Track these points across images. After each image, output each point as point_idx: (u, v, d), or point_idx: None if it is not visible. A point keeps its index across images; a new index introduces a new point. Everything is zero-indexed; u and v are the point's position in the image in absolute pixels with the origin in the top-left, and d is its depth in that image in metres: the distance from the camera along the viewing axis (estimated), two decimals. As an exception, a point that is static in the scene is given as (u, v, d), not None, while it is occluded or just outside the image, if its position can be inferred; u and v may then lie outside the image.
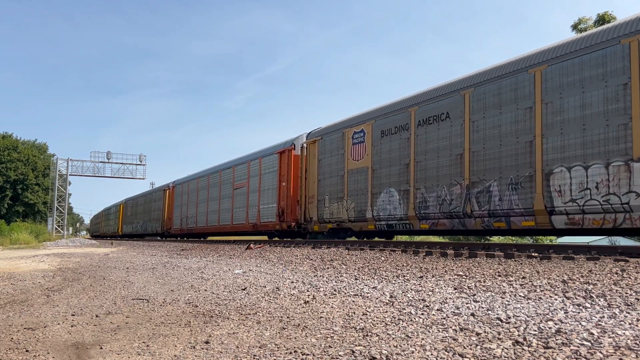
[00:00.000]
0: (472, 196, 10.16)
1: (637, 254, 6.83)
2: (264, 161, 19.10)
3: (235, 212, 21.28)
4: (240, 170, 21.32)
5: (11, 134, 64.08)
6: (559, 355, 2.98)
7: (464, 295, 5.11)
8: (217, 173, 23.90)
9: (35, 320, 4.95)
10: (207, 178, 25.17)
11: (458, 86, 10.98)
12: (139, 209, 39.31)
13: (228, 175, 22.56)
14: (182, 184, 29.22)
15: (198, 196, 26.00)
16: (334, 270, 8.03)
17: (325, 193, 15.05)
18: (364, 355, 3.21)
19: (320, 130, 16.20)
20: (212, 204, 23.94)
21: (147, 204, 36.98)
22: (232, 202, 21.65)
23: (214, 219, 23.51)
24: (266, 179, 18.79)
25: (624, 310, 3.94)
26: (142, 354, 3.57)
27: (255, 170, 19.86)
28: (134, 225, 40.05)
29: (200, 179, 26.16)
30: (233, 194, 21.54)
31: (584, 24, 26.28)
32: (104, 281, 8.47)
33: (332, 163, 14.95)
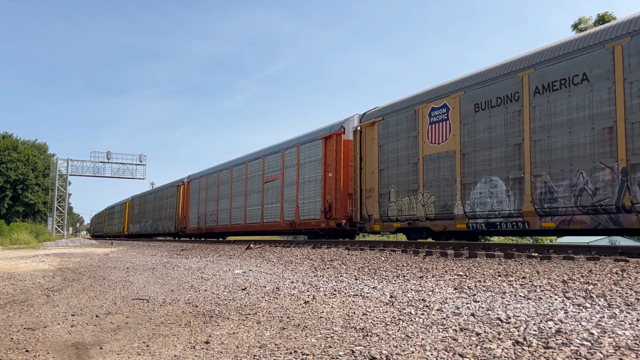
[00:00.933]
0: (634, 183, 7.71)
1: (637, 254, 6.83)
2: (304, 149, 16.49)
3: (266, 209, 18.68)
4: (272, 161, 18.63)
5: (11, 134, 64.11)
6: (559, 355, 2.98)
7: (464, 295, 5.11)
8: (243, 165, 21.23)
9: (35, 320, 4.95)
10: (229, 171, 22.55)
11: (602, 37, 8.38)
12: (147, 206, 36.64)
13: (256, 167, 19.85)
14: (199, 179, 26.26)
15: (219, 191, 23.33)
16: (334, 270, 8.03)
17: (389, 185, 12.31)
18: (364, 355, 3.21)
19: (379, 109, 13.37)
20: (237, 199, 21.25)
21: (157, 202, 34.09)
22: (261, 197, 19.06)
23: (239, 216, 20.88)
24: (307, 170, 16.18)
25: (624, 310, 3.94)
26: (142, 354, 3.57)
27: (291, 159, 17.21)
28: (143, 225, 37.57)
29: (221, 172, 23.39)
30: (263, 188, 18.97)
31: (584, 24, 26.29)
32: (104, 281, 8.47)
33: (399, 148, 12.19)
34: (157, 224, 33.36)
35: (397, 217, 12.04)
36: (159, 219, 33.18)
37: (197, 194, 26.29)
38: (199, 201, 25.82)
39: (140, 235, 39.08)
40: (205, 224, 24.64)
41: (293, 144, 17.37)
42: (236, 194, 21.47)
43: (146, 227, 36.37)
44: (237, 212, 21.21)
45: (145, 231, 36.71)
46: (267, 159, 19.03)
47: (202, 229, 25.07)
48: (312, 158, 16.02)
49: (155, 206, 34.62)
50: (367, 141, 13.36)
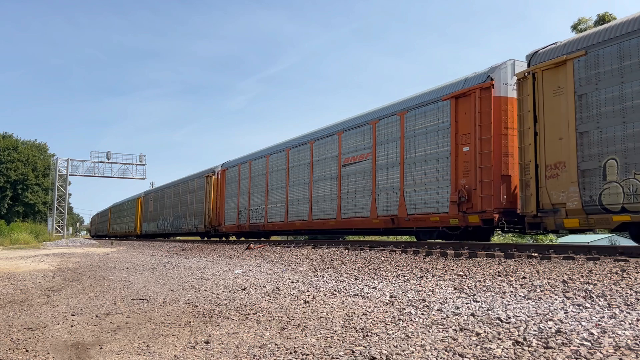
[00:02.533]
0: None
1: (637, 254, 6.83)
2: (414, 116, 12.11)
3: (345, 201, 14.28)
4: (354, 137, 14.28)
5: (11, 134, 64.06)
6: (559, 355, 2.98)
7: (464, 295, 5.11)
8: (305, 146, 16.78)
9: (35, 320, 4.95)
10: (283, 155, 18.15)
11: None
12: (166, 202, 31.94)
13: (327, 147, 15.49)
14: (238, 166, 21.83)
15: (268, 180, 19.02)
16: (334, 270, 8.03)
17: (604, 155, 8.14)
18: (364, 355, 3.21)
19: (575, 41, 9.01)
20: (297, 190, 16.93)
21: (179, 196, 29.48)
22: (337, 185, 14.70)
23: (300, 211, 16.55)
24: (419, 144, 11.84)
25: (624, 310, 3.94)
26: (142, 354, 3.57)
27: (390, 132, 12.82)
28: (160, 223, 32.73)
29: (272, 156, 19.07)
30: (339, 173, 14.61)
31: (584, 24, 26.30)
32: (104, 281, 8.47)
33: (627, 94, 7.85)
34: (180, 221, 28.77)
35: (625, 206, 7.82)
36: (182, 216, 28.60)
37: (236, 184, 21.83)
38: (240, 193, 21.37)
39: (156, 235, 34.57)
40: (249, 220, 20.25)
41: (392, 111, 12.97)
42: (295, 182, 17.12)
43: (165, 226, 31.72)
44: (297, 206, 16.83)
45: (164, 230, 32.00)
46: (347, 135, 14.63)
47: (243, 226, 20.82)
48: (429, 127, 11.61)
49: (176, 201, 29.94)
50: (547, 92, 9.19)
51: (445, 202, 10.97)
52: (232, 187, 22.36)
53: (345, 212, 14.36)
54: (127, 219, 43.13)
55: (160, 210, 33.46)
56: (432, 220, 11.41)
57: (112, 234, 49.82)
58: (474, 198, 10.29)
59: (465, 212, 10.48)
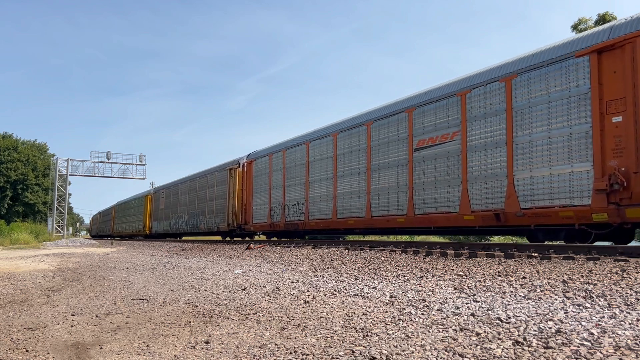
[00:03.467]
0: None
1: (637, 254, 6.83)
2: (524, 82, 9.65)
3: (420, 193, 11.75)
4: (430, 114, 11.77)
5: (11, 134, 64.08)
6: (559, 355, 2.98)
7: (464, 295, 5.11)
8: (358, 129, 14.27)
9: (35, 320, 4.95)
10: (329, 140, 15.55)
11: None
12: (180, 199, 29.36)
13: (391, 129, 13.02)
14: (269, 156, 19.26)
15: (309, 171, 16.47)
16: (334, 270, 8.03)
17: None
18: (364, 355, 3.21)
19: None
20: (348, 180, 14.49)
21: (195, 192, 26.95)
22: (407, 174, 12.18)
23: (354, 205, 14.08)
24: (534, 117, 9.37)
25: (624, 310, 3.94)
26: (142, 354, 3.57)
27: (489, 104, 10.34)
28: (173, 222, 30.12)
29: (313, 143, 16.44)
30: (410, 159, 12.13)
31: (584, 24, 26.30)
32: (104, 281, 8.47)
33: None
34: (198, 219, 26.12)
35: None
36: (199, 214, 25.97)
37: (267, 177, 19.30)
38: (272, 187, 18.86)
39: (169, 235, 32.00)
40: (284, 218, 17.69)
41: (493, 76, 10.40)
42: (346, 172, 14.60)
43: (179, 225, 29.11)
44: (350, 200, 14.29)
45: (178, 230, 29.35)
46: (420, 112, 12.11)
47: (277, 224, 18.23)
48: (553, 93, 9.12)
49: (192, 198, 27.40)
50: None
51: (584, 191, 8.49)
52: (262, 180, 19.73)
53: (420, 207, 11.75)
54: (134, 217, 40.51)
55: (173, 207, 30.60)
56: (561, 216, 8.83)
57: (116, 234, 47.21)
58: (636, 185, 7.81)
59: (619, 205, 7.97)
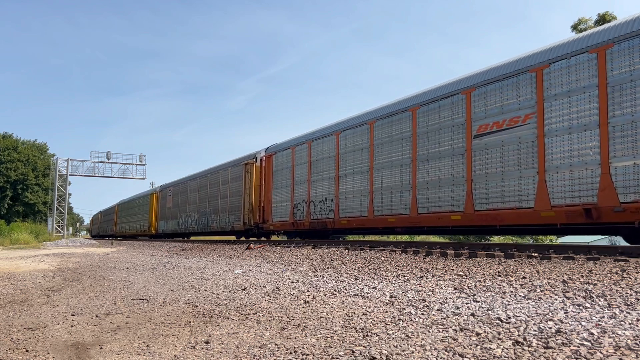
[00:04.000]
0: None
1: (637, 254, 6.83)
2: (625, 51, 8.14)
3: (482, 185, 10.19)
4: (495, 95, 10.18)
5: (11, 134, 64.10)
6: (559, 355, 2.98)
7: (464, 295, 5.11)
8: (401, 115, 12.59)
9: (35, 320, 4.95)
10: (365, 130, 13.92)
11: None
12: (190, 197, 27.81)
13: (443, 114, 11.37)
14: (292, 149, 17.56)
15: (339, 164, 14.93)
16: (334, 270, 8.03)
17: None
18: (364, 355, 3.21)
19: None
20: (388, 174, 12.84)
21: (206, 189, 25.42)
22: (464, 164, 10.64)
23: (395, 201, 12.53)
24: (637, 93, 7.95)
25: (624, 310, 3.94)
26: (142, 354, 3.57)
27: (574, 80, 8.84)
28: (182, 221, 28.59)
29: (344, 133, 14.91)
30: (469, 147, 10.62)
31: (584, 24, 26.31)
32: (104, 281, 8.47)
33: None
34: (209, 218, 24.55)
35: None
36: (211, 213, 24.39)
37: (289, 171, 17.68)
38: (294, 182, 17.24)
39: (177, 235, 30.51)
40: (309, 215, 16.13)
41: (578, 47, 8.85)
42: (385, 164, 12.97)
43: (188, 224, 27.52)
44: (390, 195, 12.70)
45: (187, 229, 27.79)
46: (482, 93, 10.49)
47: (301, 223, 16.68)
48: None
49: (203, 195, 25.82)
50: None
51: None
52: (283, 174, 18.13)
53: (482, 202, 10.21)
54: (138, 217, 38.72)
55: (181, 206, 29.02)
56: None
57: (119, 234, 45.53)
58: None
59: None
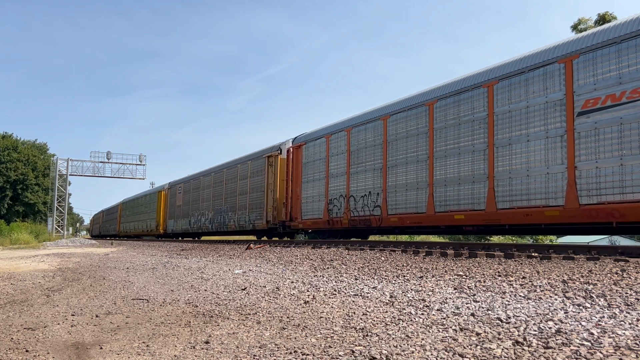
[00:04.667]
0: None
1: (637, 254, 6.83)
2: None
3: (591, 173, 8.25)
4: (611, 60, 8.19)
5: (11, 134, 64.12)
6: (559, 355, 2.98)
7: (464, 295, 5.11)
8: (472, 93, 10.60)
9: (35, 320, 4.95)
10: (422, 112, 11.94)
11: None
12: (203, 193, 25.88)
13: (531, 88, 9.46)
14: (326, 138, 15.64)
15: (387, 153, 12.85)
16: (334, 270, 8.03)
17: None
18: (364, 355, 3.21)
19: None
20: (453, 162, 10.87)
21: (222, 185, 23.48)
22: (562, 148, 8.74)
23: (465, 194, 10.54)
24: None
25: (624, 310, 3.94)
26: (142, 354, 3.57)
27: None
28: (194, 220, 26.71)
29: (393, 118, 12.88)
30: (570, 128, 8.67)
31: (584, 24, 26.31)
32: (104, 281, 8.47)
33: None
34: (225, 217, 22.47)
35: None
36: (227, 210, 22.34)
37: (323, 163, 15.68)
38: (329, 175, 15.29)
39: (188, 235, 28.96)
40: (348, 212, 14.19)
41: None
42: (450, 151, 10.95)
43: (202, 223, 25.51)
44: (457, 188, 10.70)
45: (200, 228, 25.80)
46: (589, 60, 8.49)
47: (338, 220, 14.66)
48: None
49: (218, 192, 23.82)
50: None
51: None
52: (316, 167, 16.12)
53: (590, 194, 8.20)
54: (144, 215, 36.67)
55: (193, 204, 27.10)
56: None
57: (123, 234, 43.64)
58: None
59: None
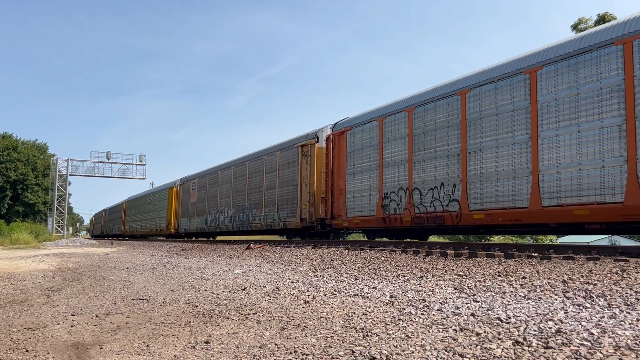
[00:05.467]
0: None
1: (637, 254, 6.83)
2: None
3: None
4: None
5: (11, 134, 64.11)
6: (559, 355, 2.98)
7: (464, 295, 5.11)
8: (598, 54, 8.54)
9: (35, 320, 4.95)
10: (520, 82, 9.83)
11: None
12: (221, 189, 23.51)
13: None
14: (379, 121, 13.47)
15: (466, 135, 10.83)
16: (334, 270, 8.03)
17: None
18: (364, 355, 3.21)
19: None
20: (572, 144, 8.82)
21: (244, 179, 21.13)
22: None
23: (592, 181, 8.40)
24: None
25: (624, 310, 3.94)
26: (142, 354, 3.57)
27: None
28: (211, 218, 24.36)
29: (474, 92, 10.80)
30: None
31: (584, 24, 26.32)
32: (104, 281, 8.47)
33: None
34: (249, 215, 20.35)
35: None
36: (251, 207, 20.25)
37: (375, 150, 13.50)
38: (383, 164, 13.13)
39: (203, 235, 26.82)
40: (413, 208, 12.01)
41: None
42: (561, 130, 8.96)
43: (220, 222, 23.27)
44: (578, 175, 8.60)
45: (218, 227, 23.49)
46: None
47: (397, 217, 12.56)
48: None
49: (240, 187, 21.59)
50: None
51: None
52: (365, 155, 13.84)
53: None
54: (153, 214, 34.54)
55: (210, 200, 24.78)
56: None
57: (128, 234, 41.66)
58: None
59: None
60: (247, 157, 21.78)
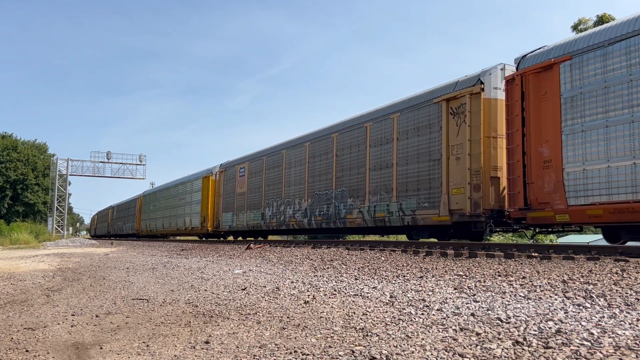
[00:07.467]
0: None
1: (637, 254, 6.83)
2: None
3: None
4: None
5: (11, 134, 64.12)
6: (559, 355, 2.98)
7: (464, 295, 5.11)
8: None
9: (35, 320, 4.95)
10: None
11: None
12: (289, 173, 17.67)
13: None
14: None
15: None
16: (334, 270, 8.03)
17: None
18: (364, 355, 3.21)
19: None
20: None
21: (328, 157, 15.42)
22: None
23: None
24: None
25: (624, 310, 3.94)
26: (142, 354, 3.57)
27: None
28: (272, 211, 18.55)
29: None
30: None
31: (584, 24, 26.33)
32: (104, 281, 8.47)
33: None
34: (341, 206, 14.61)
35: None
36: (345, 196, 14.47)
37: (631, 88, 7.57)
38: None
39: (258, 233, 20.94)
40: None
41: None
42: None
43: (288, 216, 17.40)
44: None
45: (285, 224, 17.58)
46: None
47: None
48: None
49: (321, 168, 15.84)
50: None
51: None
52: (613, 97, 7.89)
53: None
54: (179, 209, 28.28)
55: (270, 188, 18.92)
56: None
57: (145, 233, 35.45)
58: None
59: None
60: (332, 127, 15.89)
